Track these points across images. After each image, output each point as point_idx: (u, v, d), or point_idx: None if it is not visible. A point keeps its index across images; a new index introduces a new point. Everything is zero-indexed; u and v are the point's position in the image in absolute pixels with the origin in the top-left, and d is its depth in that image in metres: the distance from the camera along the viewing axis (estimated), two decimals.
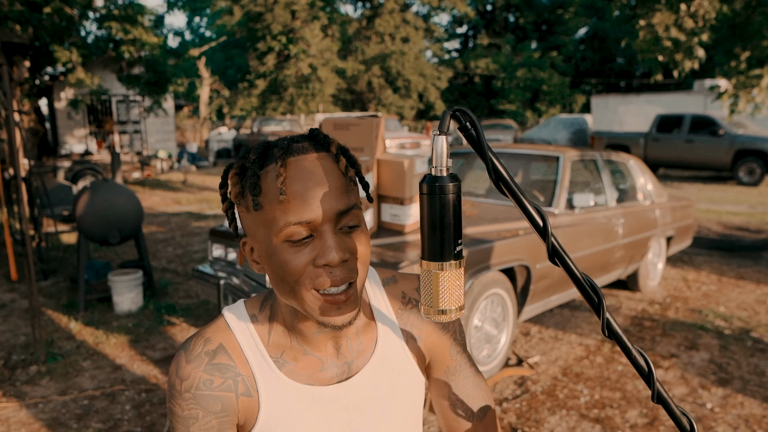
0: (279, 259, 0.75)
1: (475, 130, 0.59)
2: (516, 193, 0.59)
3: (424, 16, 34.37)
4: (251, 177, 0.75)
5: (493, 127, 24.10)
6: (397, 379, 0.92)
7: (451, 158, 2.95)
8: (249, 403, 0.84)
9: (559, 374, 3.78)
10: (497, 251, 3.29)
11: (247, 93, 30.09)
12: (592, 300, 0.61)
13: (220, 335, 0.86)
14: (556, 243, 0.60)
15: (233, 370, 0.84)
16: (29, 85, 13.45)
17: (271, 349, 0.86)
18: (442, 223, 0.59)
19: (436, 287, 0.59)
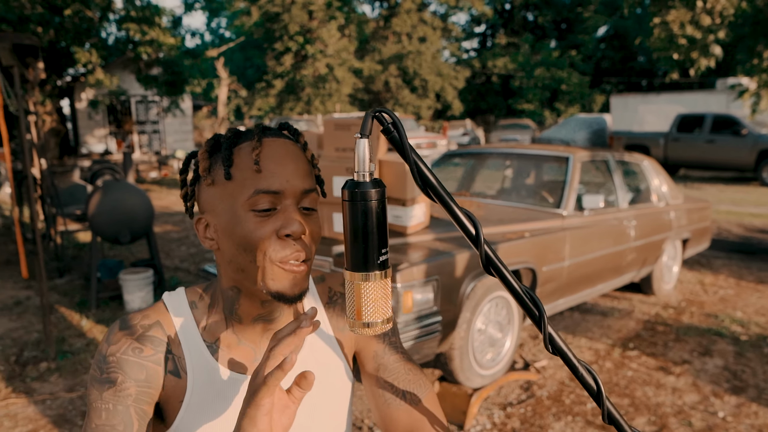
0: (243, 228, 0.78)
1: (398, 132, 0.56)
2: (444, 198, 0.55)
3: (441, 16, 34.24)
4: (225, 150, 0.80)
5: (510, 127, 23.95)
6: (324, 372, 0.93)
7: (460, 158, 2.90)
8: (175, 383, 0.84)
9: (566, 379, 3.71)
10: (502, 253, 3.24)
11: (264, 93, 30.25)
12: (533, 313, 0.58)
13: (158, 315, 0.87)
14: (490, 252, 0.56)
15: (165, 346, 0.85)
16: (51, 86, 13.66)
17: (206, 334, 0.87)
18: (364, 231, 0.56)
19: (359, 299, 0.56)
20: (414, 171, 0.55)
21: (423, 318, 2.86)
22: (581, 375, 0.60)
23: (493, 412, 3.27)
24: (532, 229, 3.62)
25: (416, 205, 3.32)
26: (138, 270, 5.05)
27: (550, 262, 3.65)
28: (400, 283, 2.74)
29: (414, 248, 3.13)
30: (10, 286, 5.86)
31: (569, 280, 3.89)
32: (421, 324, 2.85)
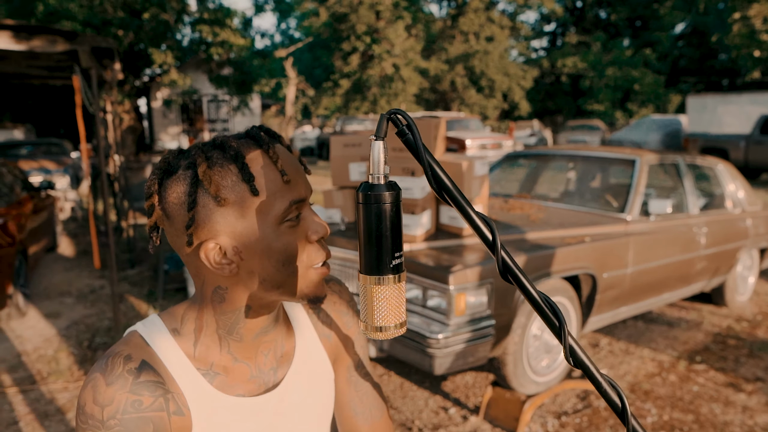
0: (282, 242, 0.74)
1: (413, 134, 0.55)
2: (460, 202, 0.54)
3: (510, 15, 33.67)
4: (241, 166, 0.72)
5: (579, 128, 23.27)
6: (316, 381, 0.92)
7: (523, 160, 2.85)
8: (181, 422, 0.78)
9: (625, 390, 3.57)
10: (559, 258, 3.16)
11: (331, 93, 30.69)
12: (553, 324, 0.55)
13: (140, 351, 0.78)
14: (508, 258, 0.54)
15: (162, 388, 0.76)
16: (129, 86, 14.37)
17: (198, 362, 0.81)
18: (378, 234, 0.55)
19: (371, 303, 0.55)
20: (428, 174, 0.54)
21: (475, 321, 2.82)
22: (605, 390, 0.57)
23: (546, 420, 3.19)
24: (593, 234, 3.50)
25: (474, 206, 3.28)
26: None
27: (612, 268, 3.52)
28: (452, 286, 2.72)
29: (469, 250, 3.10)
30: (86, 275, 6.20)
31: (632, 287, 3.74)
32: (474, 327, 2.81)
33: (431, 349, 2.74)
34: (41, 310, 5.10)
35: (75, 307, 5.21)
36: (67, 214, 9.26)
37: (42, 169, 9.48)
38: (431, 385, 3.61)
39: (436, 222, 3.38)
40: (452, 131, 17.95)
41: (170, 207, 0.74)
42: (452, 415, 3.25)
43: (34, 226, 5.68)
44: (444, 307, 2.76)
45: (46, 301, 5.37)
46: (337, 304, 0.98)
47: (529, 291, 0.55)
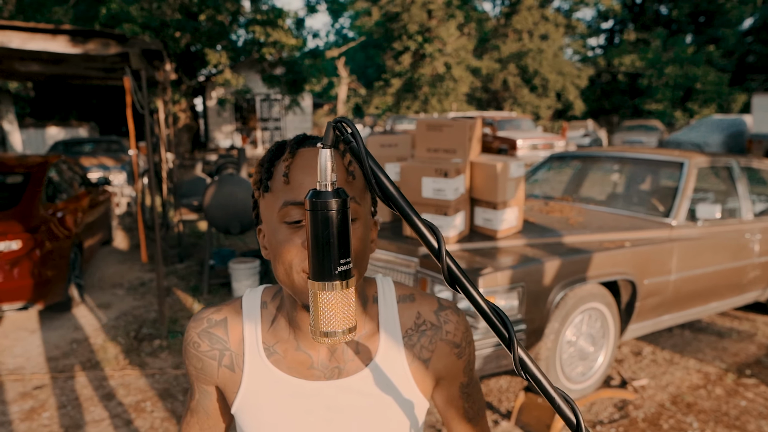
0: (277, 239, 0.80)
1: (357, 141, 0.55)
2: (404, 209, 0.54)
3: (565, 12, 32.93)
4: (266, 164, 0.84)
5: (635, 129, 22.54)
6: (388, 396, 0.90)
7: (568, 161, 2.81)
8: (230, 376, 0.92)
9: (667, 402, 3.45)
10: (597, 262, 3.08)
11: (382, 92, 30.81)
12: (502, 334, 0.55)
13: (230, 311, 0.94)
14: (454, 267, 0.54)
15: (223, 344, 0.92)
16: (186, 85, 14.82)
17: (267, 336, 0.91)
18: (325, 240, 0.56)
19: (316, 308, 0.56)
20: (371, 181, 0.54)
21: None
22: (558, 405, 0.56)
23: None
24: (634, 239, 3.39)
25: (508, 208, 3.24)
26: (246, 260, 5.35)
27: (654, 274, 3.40)
28: (482, 288, 2.69)
29: (502, 253, 3.06)
30: (137, 268, 6.45)
31: (676, 295, 3.61)
32: None
33: None
34: (94, 301, 5.34)
35: (125, 298, 5.43)
36: (123, 210, 9.65)
37: (101, 166, 9.90)
38: None
39: (470, 223, 3.35)
40: (503, 131, 17.74)
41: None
42: None
43: (91, 220, 5.94)
44: (473, 311, 2.73)
45: (99, 292, 5.61)
46: (451, 335, 0.94)
47: (476, 300, 0.54)
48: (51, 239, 4.65)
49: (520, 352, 0.55)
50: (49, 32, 3.82)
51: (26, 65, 5.48)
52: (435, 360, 0.92)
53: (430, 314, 0.93)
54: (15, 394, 3.62)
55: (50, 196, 5.11)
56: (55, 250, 4.68)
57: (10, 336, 4.57)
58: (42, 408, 3.44)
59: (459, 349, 0.94)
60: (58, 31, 3.82)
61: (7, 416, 3.35)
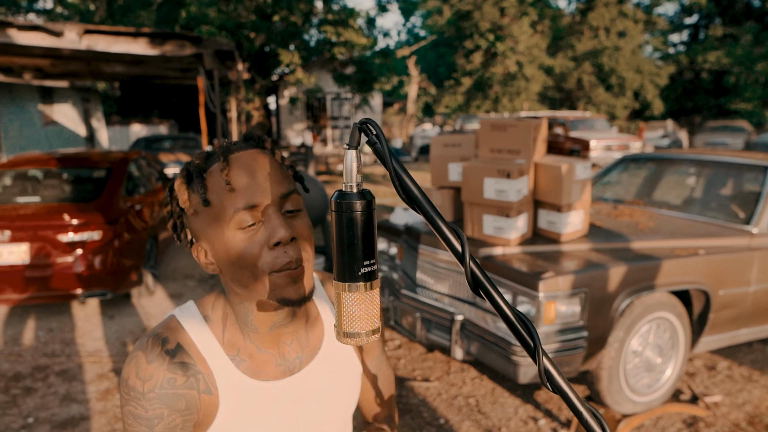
0: (235, 249, 0.79)
1: (381, 142, 0.55)
2: (427, 211, 0.53)
3: (645, 8, 31.55)
4: (197, 178, 0.81)
5: (720, 129, 21.32)
6: (341, 371, 0.96)
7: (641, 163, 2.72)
8: (209, 400, 0.86)
9: (743, 422, 3.25)
10: (666, 270, 2.94)
11: (452, 91, 30.59)
12: (527, 342, 0.53)
13: (177, 335, 0.86)
14: (478, 272, 0.53)
15: (194, 368, 0.85)
16: (259, 84, 15.28)
17: (227, 347, 0.88)
18: (348, 241, 0.56)
19: (340, 309, 0.57)
20: (395, 182, 0.54)
21: (566, 332, 2.71)
22: (585, 420, 0.54)
23: None
24: (709, 246, 3.21)
25: (573, 211, 3.15)
26: None
27: (730, 285, 3.21)
28: (542, 293, 2.63)
29: (565, 257, 2.97)
30: None
31: (756, 307, 3.39)
32: (564, 338, 2.70)
33: (516, 357, 2.67)
34: (167, 291, 5.60)
35: (196, 289, 5.66)
36: None
37: (178, 162, 10.36)
38: (523, 393, 3.51)
39: (533, 226, 3.28)
40: (576, 131, 17.22)
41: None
42: (542, 426, 3.15)
43: None
44: (532, 315, 2.68)
45: (172, 282, 5.88)
46: None
47: (500, 306, 0.53)
48: (129, 231, 4.91)
49: (545, 362, 0.53)
50: (131, 35, 4.04)
51: (111, 66, 5.81)
52: None
53: None
54: (93, 375, 3.85)
55: (129, 190, 5.40)
56: (132, 241, 4.94)
57: (91, 321, 4.86)
58: (116, 389, 3.65)
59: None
60: (138, 33, 4.03)
61: (86, 395, 3.57)
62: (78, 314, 5.02)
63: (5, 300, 4.49)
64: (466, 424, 3.20)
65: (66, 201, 4.93)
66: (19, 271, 4.41)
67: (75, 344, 4.37)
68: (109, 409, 3.40)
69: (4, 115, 12.28)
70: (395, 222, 3.95)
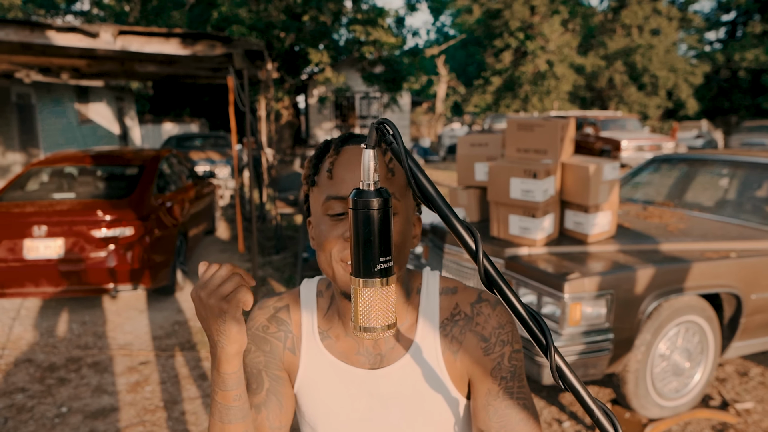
0: (319, 230, 0.87)
1: (397, 142, 0.57)
2: (442, 210, 0.54)
3: (680, 5, 30.87)
4: (314, 160, 0.91)
5: (757, 130, 20.74)
6: (424, 386, 0.92)
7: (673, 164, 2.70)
8: (292, 359, 0.98)
9: None
10: (696, 273, 2.88)
11: (482, 90, 30.39)
12: (539, 340, 0.54)
13: (291, 299, 1.02)
14: (491, 269, 0.54)
15: (287, 327, 0.99)
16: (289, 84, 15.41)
17: (322, 322, 0.98)
18: (366, 238, 0.57)
19: (357, 304, 0.58)
20: (410, 180, 0.55)
21: (591, 333, 2.68)
22: (597, 418, 0.54)
23: None
24: (742, 249, 3.14)
25: (600, 212, 3.11)
26: None
27: (764, 289, 3.14)
28: (567, 294, 2.61)
29: (591, 258, 2.94)
30: (237, 257, 6.80)
31: None
32: (589, 340, 2.67)
33: (540, 358, 2.66)
34: None
35: None
36: (226, 201, 10.20)
37: (208, 160, 10.53)
38: (548, 395, 3.49)
39: (560, 226, 3.25)
40: (607, 131, 16.96)
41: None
42: (566, 428, 3.12)
43: (196, 211, 6.34)
44: (557, 316, 2.66)
45: None
46: (479, 327, 0.93)
47: (513, 304, 0.54)
48: (160, 227, 5.02)
49: (557, 360, 0.54)
50: (163, 36, 4.13)
51: (143, 66, 5.94)
52: (462, 352, 0.92)
53: (467, 305, 0.94)
54: (123, 367, 3.95)
55: (161, 187, 5.51)
56: (163, 237, 5.04)
57: (122, 314, 4.98)
58: (145, 382, 3.73)
59: (486, 344, 0.92)
60: (170, 34, 4.12)
61: (117, 387, 3.67)
62: (110, 308, 5.15)
63: (41, 293, 4.63)
64: None
65: (100, 197, 5.06)
66: (54, 265, 4.54)
67: (107, 337, 4.49)
68: (138, 401, 3.48)
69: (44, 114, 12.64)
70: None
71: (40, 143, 12.42)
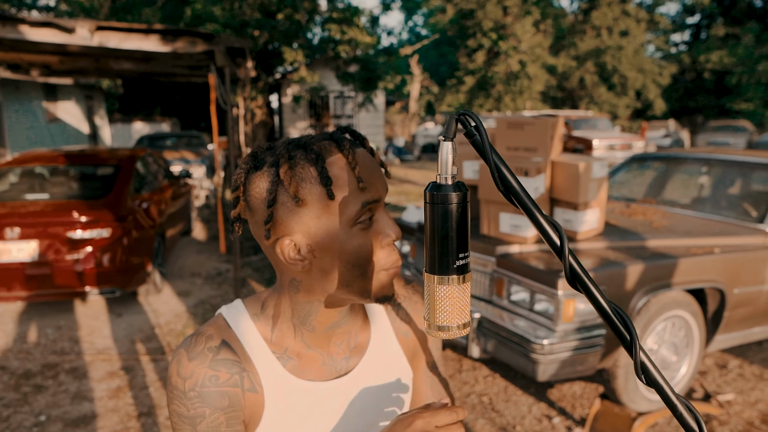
0: (353, 244, 0.76)
1: (480, 135, 0.54)
2: (527, 205, 0.52)
3: (647, 7, 31.51)
4: (320, 169, 0.74)
5: (722, 129, 21.34)
6: (389, 375, 0.93)
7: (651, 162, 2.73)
8: (254, 399, 0.83)
9: (756, 420, 3.24)
10: (682, 269, 2.93)
11: (455, 90, 30.55)
12: (623, 336, 0.53)
13: (222, 332, 0.84)
14: (576, 265, 0.52)
15: (238, 366, 0.82)
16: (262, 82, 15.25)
17: (273, 346, 0.86)
18: (443, 234, 0.55)
19: (433, 302, 0.56)
20: (495, 175, 0.53)
21: (584, 330, 2.70)
22: (680, 414, 0.53)
23: None
24: (725, 245, 3.20)
25: (589, 210, 3.14)
26: None
27: (745, 283, 3.21)
28: (561, 291, 2.62)
29: (582, 256, 2.96)
30: (215, 258, 6.70)
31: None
32: (582, 336, 2.69)
33: (535, 355, 2.67)
34: (174, 288, 5.59)
35: (203, 287, 5.65)
36: (201, 202, 10.05)
37: (182, 159, 10.35)
38: (536, 391, 3.51)
39: None
40: (579, 131, 17.21)
41: (253, 200, 0.78)
42: (556, 424, 3.14)
43: (173, 211, 6.23)
44: (551, 313, 2.67)
45: (179, 280, 5.87)
46: (418, 304, 0.99)
47: (598, 300, 0.53)
48: (137, 228, 4.91)
49: (642, 357, 0.53)
50: (143, 32, 4.03)
51: (119, 63, 5.80)
52: (412, 331, 0.97)
53: (401, 289, 0.99)
54: (103, 372, 3.84)
55: (137, 187, 5.39)
56: (141, 238, 4.93)
57: (99, 318, 4.85)
58: (127, 387, 3.64)
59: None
60: (150, 30, 4.02)
61: (97, 393, 3.57)
62: (86, 312, 5.01)
63: (14, 297, 4.49)
64: (480, 422, 3.19)
65: (74, 198, 4.92)
66: (28, 268, 4.40)
67: (84, 342, 4.37)
68: (120, 408, 3.39)
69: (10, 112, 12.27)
70: (408, 220, 3.94)
71: (6, 143, 12.06)
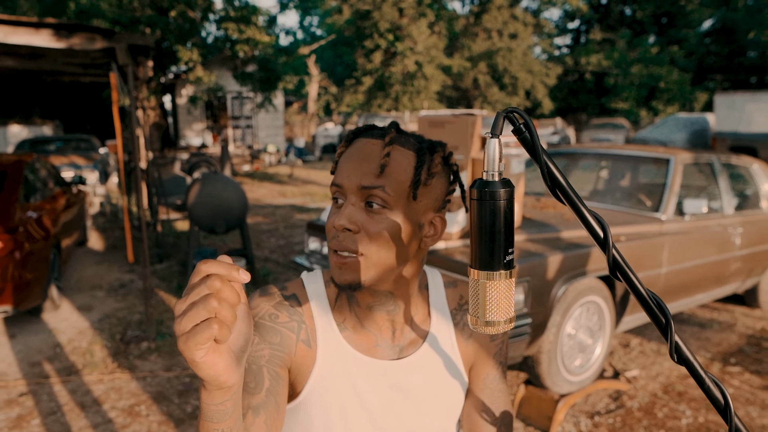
0: (327, 216, 0.87)
1: (530, 132, 0.55)
2: (574, 201, 0.54)
3: (533, 12, 33.37)
4: (337, 150, 0.91)
5: (603, 127, 23.02)
6: (441, 374, 0.95)
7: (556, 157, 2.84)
8: (306, 352, 0.89)
9: (659, 391, 3.53)
10: (595, 257, 3.13)
11: (353, 90, 30.71)
12: (659, 321, 0.55)
13: (296, 289, 0.94)
14: (618, 256, 0.54)
15: (299, 316, 0.90)
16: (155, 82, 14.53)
17: (335, 313, 0.93)
18: (492, 230, 0.56)
19: (483, 297, 0.56)
20: (544, 172, 0.54)
21: None
22: (708, 387, 0.57)
23: (579, 420, 3.17)
24: (629, 233, 3.46)
25: None
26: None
27: (646, 268, 3.48)
28: None
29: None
30: (116, 269, 6.30)
31: (666, 288, 3.70)
32: None
33: None
34: (74, 303, 5.20)
35: (106, 300, 5.30)
36: (95, 209, 9.42)
37: (72, 165, 9.64)
38: None
39: None
40: None
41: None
42: None
43: (67, 220, 5.78)
44: None
45: (78, 294, 5.47)
46: None
47: (638, 289, 0.55)
48: (30, 240, 4.51)
49: (676, 338, 0.56)
50: (33, 25, 3.70)
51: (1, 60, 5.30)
52: (473, 338, 0.99)
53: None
54: (0, 401, 3.50)
55: (27, 195, 4.96)
56: (35, 251, 4.54)
57: None
58: (30, 415, 3.34)
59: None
60: (41, 24, 3.70)
61: None
62: None
63: None
64: None
65: None
66: None
67: None
68: None
69: None
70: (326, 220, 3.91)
71: None
